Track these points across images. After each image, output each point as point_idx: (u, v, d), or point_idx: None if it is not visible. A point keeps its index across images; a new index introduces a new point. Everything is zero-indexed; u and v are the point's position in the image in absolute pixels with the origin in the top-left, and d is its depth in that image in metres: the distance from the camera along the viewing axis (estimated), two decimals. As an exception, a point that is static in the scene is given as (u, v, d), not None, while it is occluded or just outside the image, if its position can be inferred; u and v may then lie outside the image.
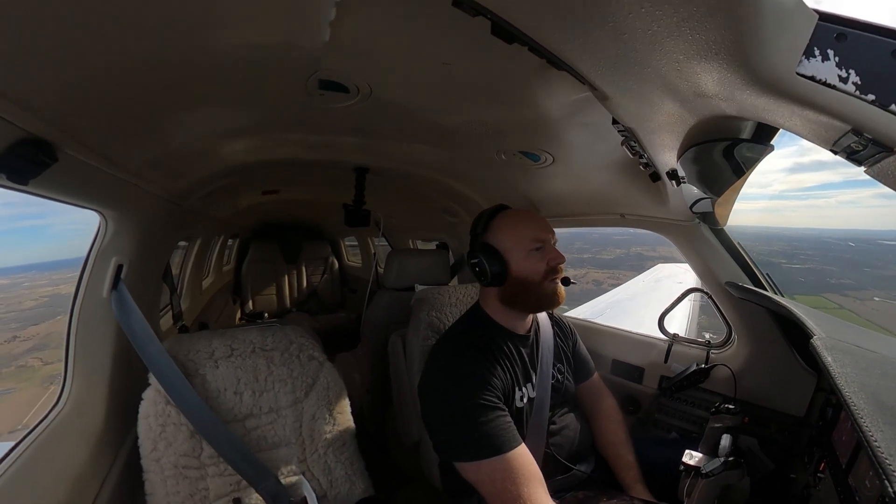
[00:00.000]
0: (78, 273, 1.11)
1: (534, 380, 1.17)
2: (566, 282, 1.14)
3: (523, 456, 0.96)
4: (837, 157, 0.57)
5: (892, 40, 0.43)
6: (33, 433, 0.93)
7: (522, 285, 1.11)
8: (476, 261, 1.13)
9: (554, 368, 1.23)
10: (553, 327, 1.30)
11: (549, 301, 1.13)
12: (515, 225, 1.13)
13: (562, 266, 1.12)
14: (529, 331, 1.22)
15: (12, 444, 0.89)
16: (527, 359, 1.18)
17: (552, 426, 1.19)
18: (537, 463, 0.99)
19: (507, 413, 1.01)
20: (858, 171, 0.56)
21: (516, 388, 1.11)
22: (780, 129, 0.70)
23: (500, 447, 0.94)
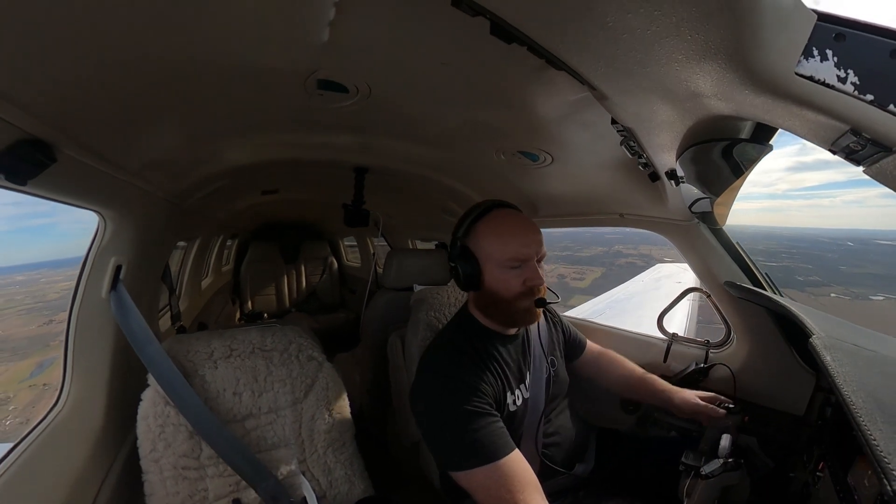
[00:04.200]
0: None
1: (527, 380, 1.16)
2: (541, 303, 1.06)
3: (517, 462, 0.93)
4: (839, 157, 0.57)
5: (890, 40, 0.43)
6: (32, 434, 0.93)
7: (493, 299, 1.08)
8: (453, 264, 1.11)
9: (547, 361, 1.22)
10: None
11: (521, 319, 1.10)
12: (497, 237, 1.05)
13: (540, 287, 1.06)
14: (518, 330, 1.19)
15: (10, 445, 0.88)
16: (519, 359, 1.16)
17: (547, 427, 1.18)
18: (534, 464, 0.98)
19: (498, 419, 0.99)
20: (860, 171, 0.57)
21: (507, 393, 1.09)
22: (779, 129, 0.71)
23: (492, 454, 0.91)
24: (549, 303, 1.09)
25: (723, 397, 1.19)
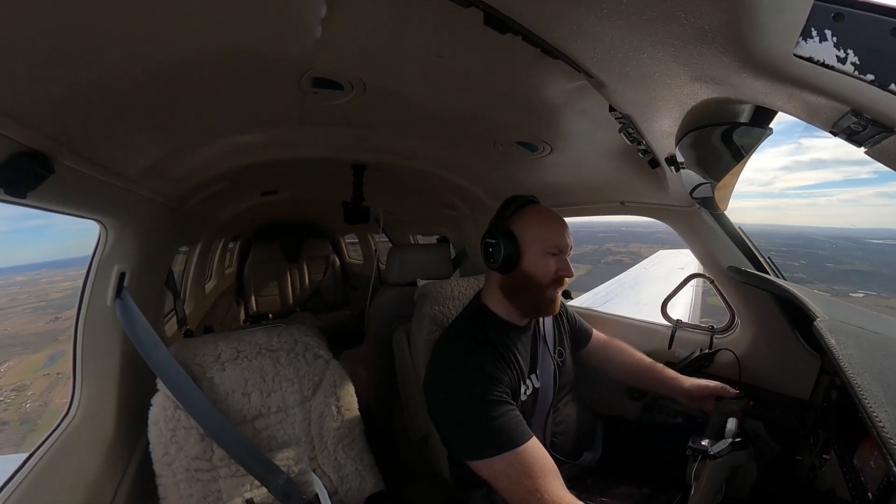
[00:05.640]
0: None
1: (537, 370, 1.18)
2: (566, 294, 1.13)
3: (536, 449, 0.95)
4: (837, 156, 0.56)
5: (890, 18, 0.42)
6: (46, 443, 0.94)
7: (527, 282, 1.10)
8: (493, 241, 1.12)
9: (555, 352, 1.24)
10: None
11: (546, 306, 1.14)
12: (543, 223, 1.12)
13: (567, 279, 1.13)
14: (530, 321, 1.22)
15: (25, 455, 0.90)
16: (529, 349, 1.18)
17: (555, 417, 1.19)
18: None
19: (515, 407, 1.01)
20: (858, 171, 0.56)
21: (521, 382, 1.11)
22: (779, 112, 0.70)
23: (512, 442, 0.93)
24: (571, 297, 1.14)
25: (731, 388, 1.19)
